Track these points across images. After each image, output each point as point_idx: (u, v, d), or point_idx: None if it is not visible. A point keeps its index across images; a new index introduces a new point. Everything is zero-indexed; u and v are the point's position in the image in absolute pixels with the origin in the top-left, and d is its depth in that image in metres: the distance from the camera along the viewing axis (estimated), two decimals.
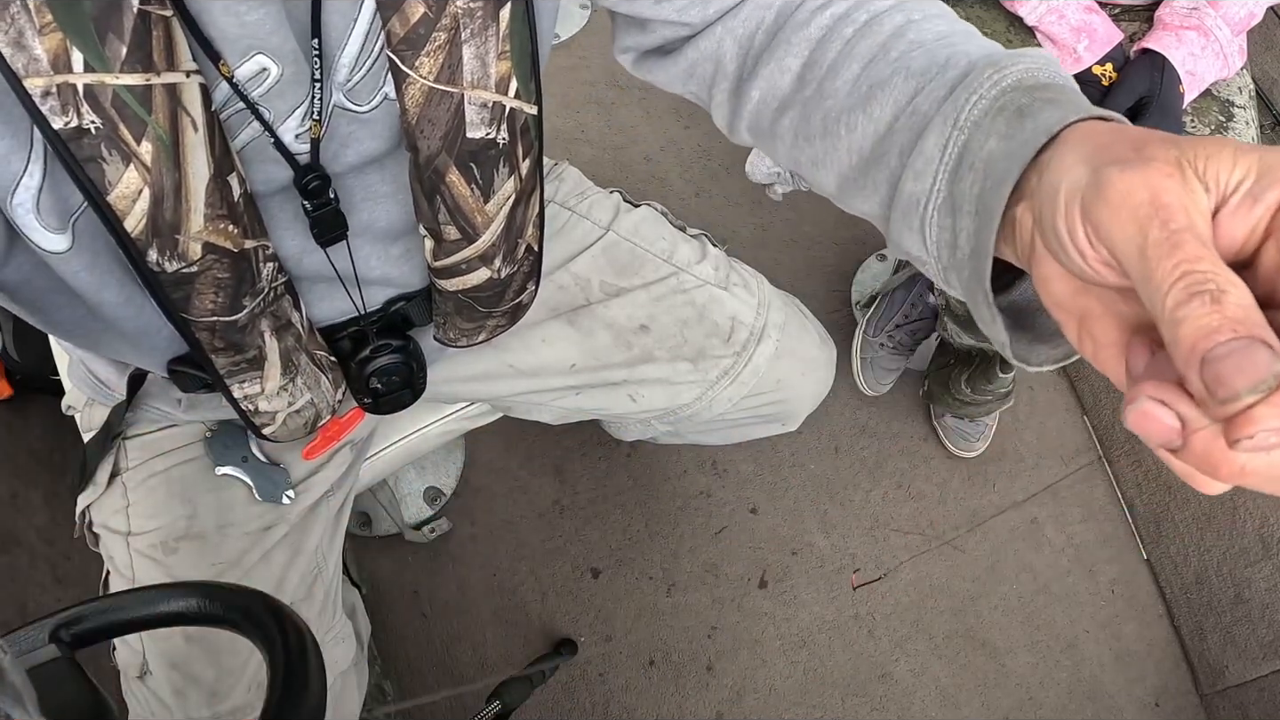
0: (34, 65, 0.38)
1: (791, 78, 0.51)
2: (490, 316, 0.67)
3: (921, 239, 0.42)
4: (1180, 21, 1.09)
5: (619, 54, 0.62)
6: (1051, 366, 0.39)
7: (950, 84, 0.42)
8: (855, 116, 0.46)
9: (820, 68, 0.49)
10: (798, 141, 0.51)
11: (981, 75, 0.40)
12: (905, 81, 0.44)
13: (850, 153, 0.47)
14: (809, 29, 0.50)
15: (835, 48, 0.49)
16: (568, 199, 0.84)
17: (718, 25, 0.54)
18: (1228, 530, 1.41)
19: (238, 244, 0.49)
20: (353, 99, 0.49)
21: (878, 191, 0.45)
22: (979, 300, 0.37)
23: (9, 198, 0.42)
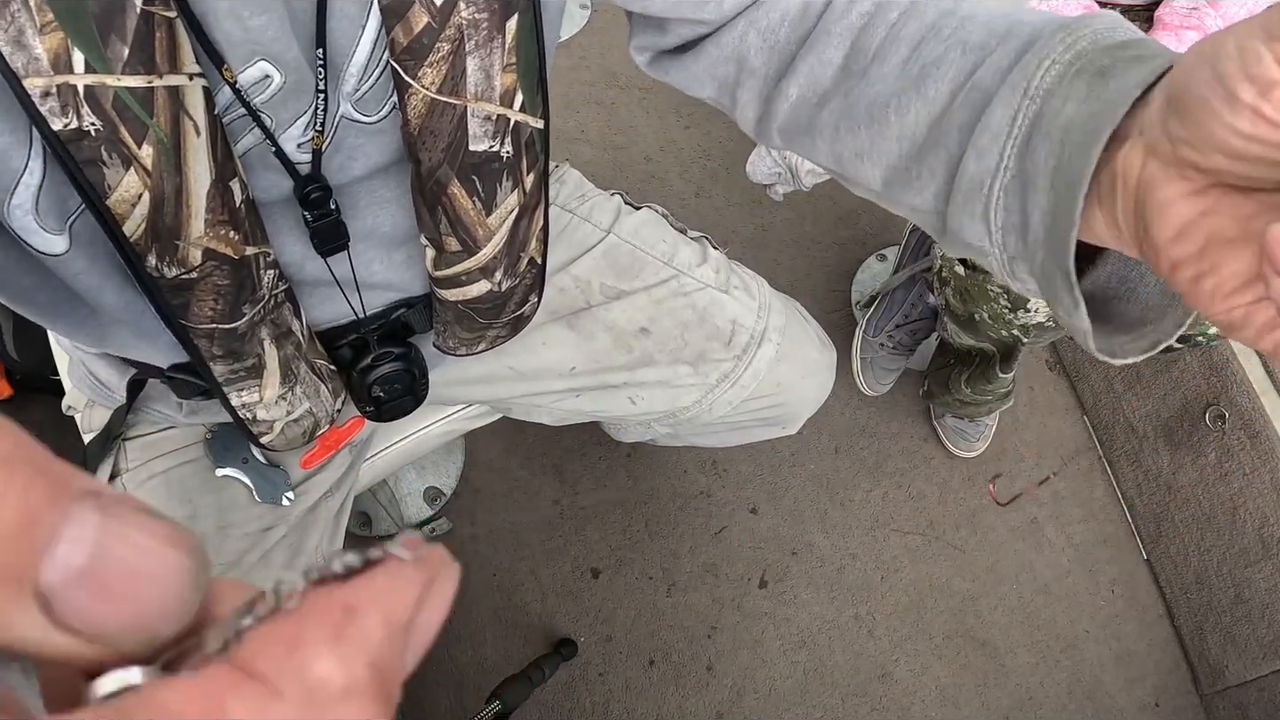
0: (34, 65, 0.37)
1: (834, 70, 0.48)
2: (490, 327, 0.67)
3: (986, 226, 0.39)
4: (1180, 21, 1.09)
5: (635, 53, 0.61)
6: (1139, 357, 0.35)
7: (1016, 52, 0.38)
8: (907, 99, 0.43)
9: (865, 55, 0.46)
10: (839, 134, 0.48)
11: (1053, 40, 0.36)
12: (963, 56, 0.41)
13: (901, 140, 0.44)
14: (849, 17, 0.48)
15: (880, 33, 0.46)
16: (568, 201, 0.84)
17: (740, 19, 0.52)
18: (1228, 530, 1.41)
19: (238, 251, 0.48)
20: (361, 109, 0.49)
21: (933, 180, 0.42)
22: (1058, 285, 0.34)
23: (8, 199, 0.42)
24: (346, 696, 0.13)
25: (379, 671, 0.13)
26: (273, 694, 0.12)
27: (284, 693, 0.12)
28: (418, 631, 0.14)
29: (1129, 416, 1.56)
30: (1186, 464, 1.46)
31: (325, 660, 0.13)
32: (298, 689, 0.13)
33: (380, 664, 0.13)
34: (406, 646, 0.14)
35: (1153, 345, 0.35)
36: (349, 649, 0.13)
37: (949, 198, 0.41)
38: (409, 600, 0.14)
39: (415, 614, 0.14)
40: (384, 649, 0.14)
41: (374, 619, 0.14)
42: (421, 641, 0.15)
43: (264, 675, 0.13)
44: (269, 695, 0.12)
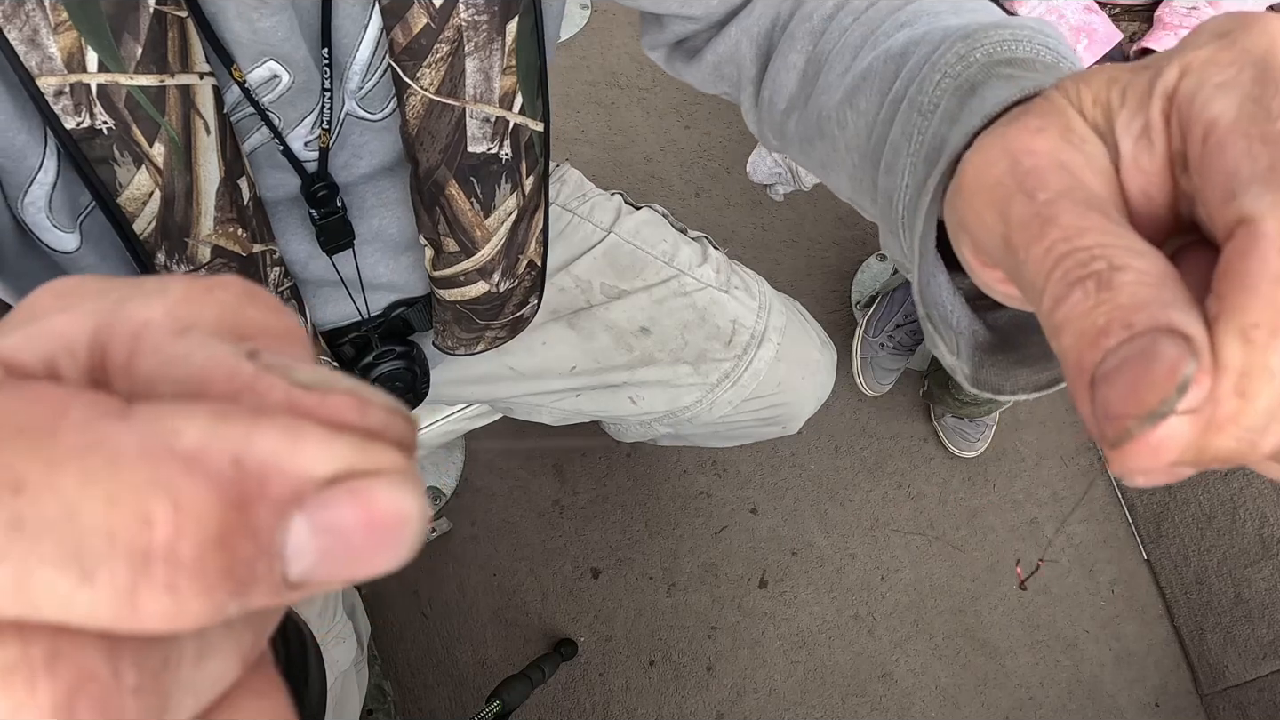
0: (48, 64, 0.37)
1: (796, 75, 0.48)
2: (489, 328, 0.67)
3: (899, 242, 0.36)
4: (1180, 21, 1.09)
5: (649, 51, 0.60)
6: (1031, 395, 0.32)
7: (922, 62, 0.36)
8: (843, 111, 0.42)
9: (819, 62, 0.46)
10: (804, 145, 0.48)
11: (950, 49, 0.34)
12: (885, 65, 0.39)
13: (849, 150, 0.42)
14: (812, 21, 0.47)
15: (833, 39, 0.45)
16: (569, 201, 0.84)
17: (732, 26, 0.52)
18: (1228, 530, 1.41)
19: (246, 248, 0.48)
20: (365, 106, 0.49)
21: (871, 192, 0.41)
22: (935, 317, 0.30)
23: (21, 196, 0.42)
24: (185, 463, 0.11)
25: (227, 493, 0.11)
26: (119, 416, 0.11)
27: (131, 420, 0.11)
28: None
29: None
30: None
31: (190, 433, 0.11)
32: (148, 423, 0.11)
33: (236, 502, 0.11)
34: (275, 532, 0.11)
35: (1052, 382, 0.31)
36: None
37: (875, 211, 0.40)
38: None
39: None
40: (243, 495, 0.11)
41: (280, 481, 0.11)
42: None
43: (134, 405, 0.11)
44: (116, 415, 0.11)
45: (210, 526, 0.10)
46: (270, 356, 0.12)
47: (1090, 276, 0.17)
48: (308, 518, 0.11)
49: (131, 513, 0.10)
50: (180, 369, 0.12)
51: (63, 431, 0.10)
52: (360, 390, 0.13)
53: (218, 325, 0.13)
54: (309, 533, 0.11)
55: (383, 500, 0.11)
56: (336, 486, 0.11)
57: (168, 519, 0.10)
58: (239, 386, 0.12)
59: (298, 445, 0.11)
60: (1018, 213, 0.19)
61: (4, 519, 0.10)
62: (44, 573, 0.10)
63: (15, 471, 0.10)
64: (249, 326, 0.13)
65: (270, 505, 0.11)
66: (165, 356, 0.12)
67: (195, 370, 0.12)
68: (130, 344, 0.12)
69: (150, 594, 0.10)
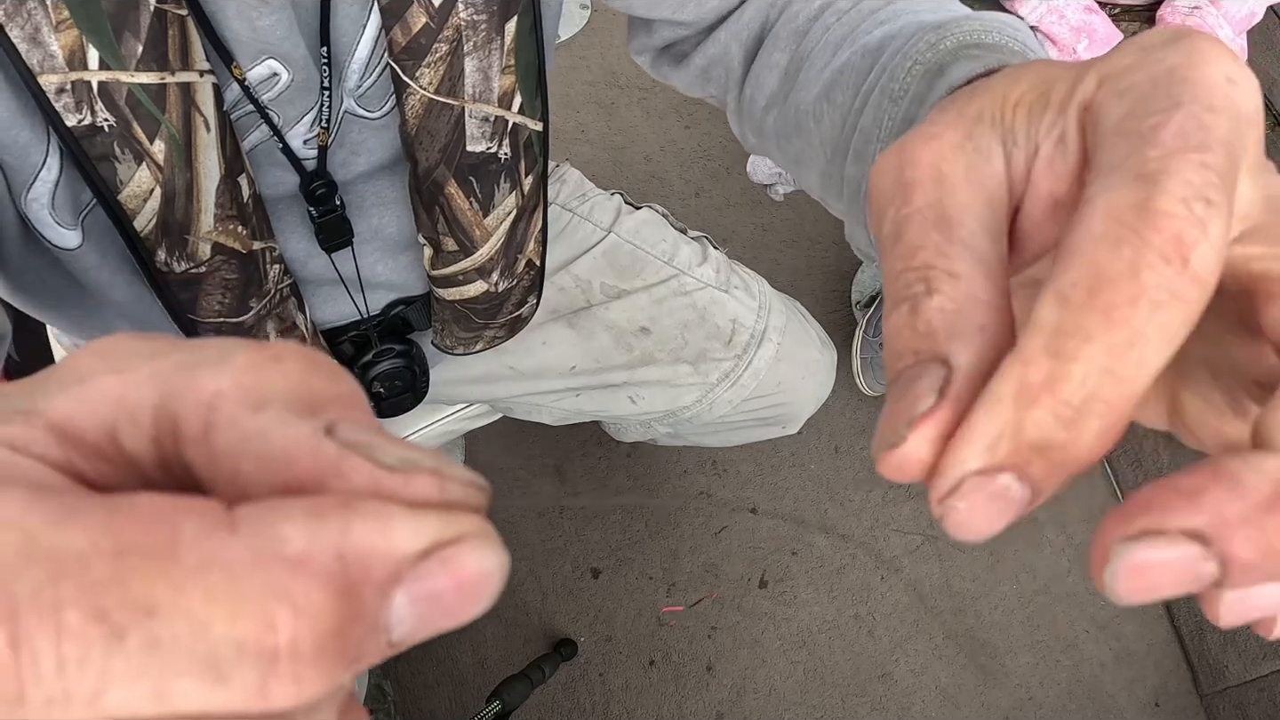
0: (49, 62, 0.37)
1: (778, 73, 0.48)
2: (488, 328, 0.67)
3: (866, 234, 0.37)
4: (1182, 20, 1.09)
5: (635, 55, 0.61)
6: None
7: (895, 53, 0.37)
8: (821, 106, 0.43)
9: (800, 59, 0.47)
10: (780, 141, 0.49)
11: (922, 39, 0.35)
12: (862, 59, 0.40)
13: (824, 145, 0.43)
14: (796, 21, 0.48)
15: (816, 37, 0.46)
16: (569, 201, 0.84)
17: (721, 30, 0.52)
18: None
19: (246, 245, 0.49)
20: (363, 105, 0.49)
21: (843, 185, 0.41)
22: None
23: (25, 192, 0.42)
24: (294, 567, 0.12)
25: (339, 580, 0.12)
26: (229, 529, 0.12)
27: (239, 532, 0.12)
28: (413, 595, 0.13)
29: None
30: (1187, 464, 1.46)
31: (295, 530, 0.12)
32: (256, 534, 0.12)
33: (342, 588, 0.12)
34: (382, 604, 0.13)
35: None
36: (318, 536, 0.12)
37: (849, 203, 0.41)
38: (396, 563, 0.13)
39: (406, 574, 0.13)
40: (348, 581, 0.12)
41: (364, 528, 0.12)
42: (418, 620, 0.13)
43: (238, 514, 0.12)
44: (225, 528, 0.12)
45: (325, 620, 0.12)
46: (347, 430, 0.13)
47: (906, 300, 0.18)
48: (406, 590, 0.12)
49: (255, 621, 0.11)
50: (261, 446, 0.13)
51: (181, 552, 0.11)
52: (440, 468, 0.14)
53: (289, 397, 0.13)
54: (408, 603, 0.12)
55: (470, 564, 0.13)
56: (429, 559, 0.12)
57: (288, 622, 0.11)
58: (324, 468, 0.13)
59: (389, 528, 0.12)
60: (886, 225, 0.20)
61: (142, 640, 0.11)
62: (182, 683, 0.11)
63: (146, 596, 0.11)
64: (317, 397, 0.14)
65: (374, 588, 0.12)
66: (243, 432, 0.13)
67: (278, 449, 0.13)
68: (205, 415, 0.13)
69: (279, 686, 0.11)
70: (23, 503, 0.11)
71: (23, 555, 0.11)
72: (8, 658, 0.10)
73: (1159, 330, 0.15)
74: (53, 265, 0.48)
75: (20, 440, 0.13)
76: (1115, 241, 0.15)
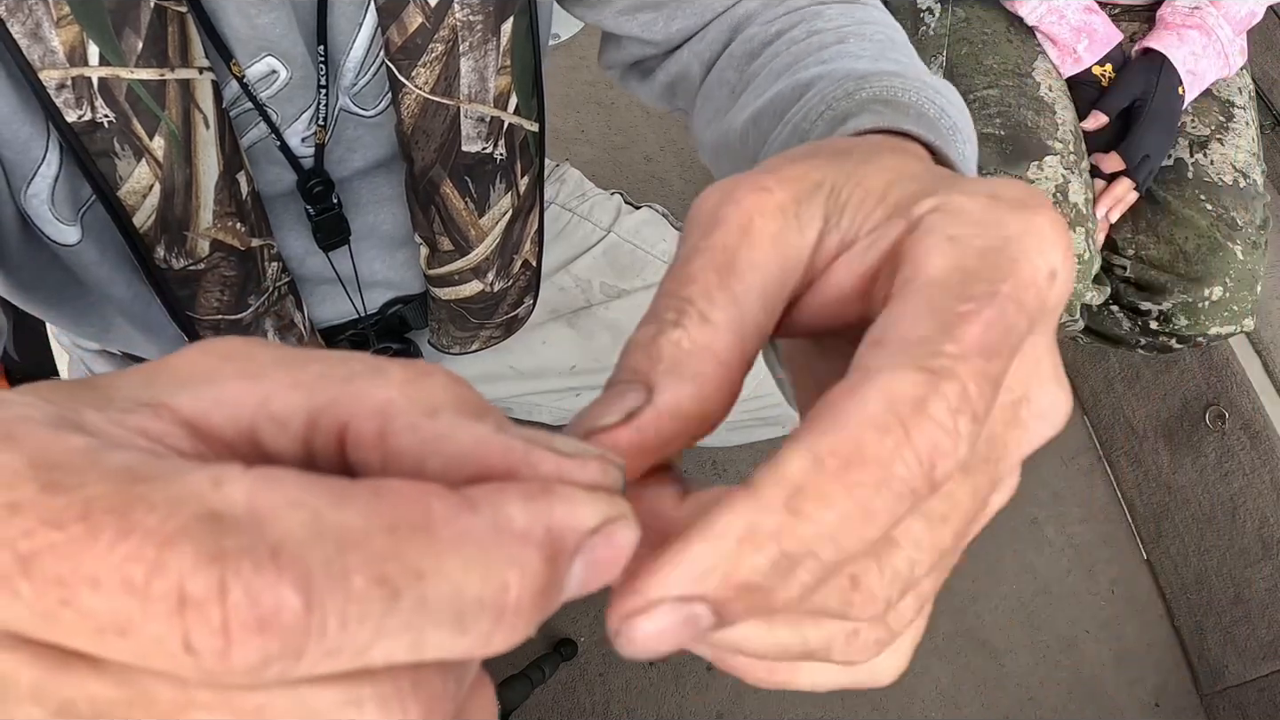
0: (50, 57, 0.38)
1: (726, 90, 0.50)
2: (484, 327, 0.67)
3: None
4: (1182, 21, 1.09)
5: (605, 68, 0.62)
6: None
7: (821, 96, 0.38)
8: (748, 129, 0.44)
9: (746, 82, 0.48)
10: (715, 155, 0.50)
11: (841, 86, 0.36)
12: (792, 92, 0.41)
13: (746, 166, 0.44)
14: (751, 44, 0.49)
15: (764, 63, 0.47)
16: (568, 201, 0.84)
17: (684, 49, 0.53)
18: (1228, 530, 1.41)
19: (244, 242, 0.49)
20: (359, 103, 0.49)
21: None
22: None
23: (25, 188, 0.42)
24: (522, 539, 0.14)
25: (551, 547, 0.14)
26: (470, 508, 0.14)
27: (479, 512, 0.14)
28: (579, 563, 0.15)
29: (1129, 416, 1.56)
30: (1186, 464, 1.46)
31: (516, 507, 0.14)
32: (491, 513, 0.14)
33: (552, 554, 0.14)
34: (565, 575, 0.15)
35: None
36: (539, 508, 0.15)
37: None
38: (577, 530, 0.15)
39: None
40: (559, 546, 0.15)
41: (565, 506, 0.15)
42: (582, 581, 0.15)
43: (469, 496, 0.14)
44: (467, 508, 0.14)
45: (540, 580, 0.14)
46: (514, 429, 0.16)
47: (654, 322, 0.19)
48: (583, 557, 0.15)
49: (496, 583, 0.14)
50: (448, 445, 0.15)
51: (437, 527, 0.13)
52: (605, 454, 0.16)
53: (456, 405, 0.16)
54: (581, 567, 0.15)
55: (620, 538, 0.15)
56: (599, 534, 0.15)
57: (516, 582, 0.14)
58: (515, 460, 0.15)
59: (578, 508, 0.15)
60: (686, 244, 0.21)
61: (413, 600, 0.13)
62: (437, 634, 0.13)
63: (417, 563, 0.13)
64: (472, 403, 0.16)
65: (567, 556, 0.15)
66: (424, 435, 0.15)
67: (467, 448, 0.15)
68: (379, 422, 0.15)
69: (500, 634, 0.14)
70: (302, 485, 0.13)
71: (313, 531, 0.12)
72: (302, 618, 0.12)
73: (887, 516, 0.16)
74: (52, 261, 0.48)
75: (154, 431, 0.14)
76: (883, 429, 0.16)
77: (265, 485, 0.13)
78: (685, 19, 0.52)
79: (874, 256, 0.20)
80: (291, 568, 0.12)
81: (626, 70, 0.60)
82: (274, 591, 0.12)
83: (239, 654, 0.12)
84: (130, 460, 0.13)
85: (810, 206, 0.20)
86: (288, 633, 0.12)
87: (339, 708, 0.13)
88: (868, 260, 0.20)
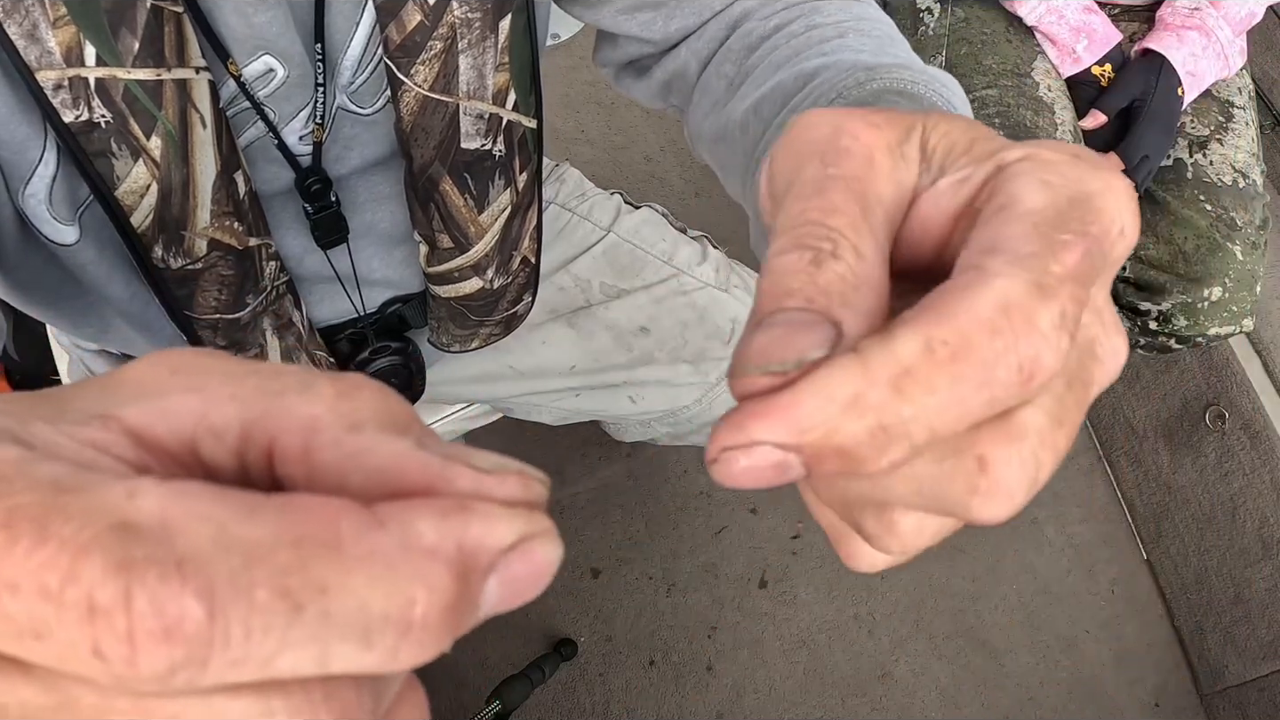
0: (47, 58, 0.38)
1: (725, 83, 0.50)
2: (483, 325, 0.67)
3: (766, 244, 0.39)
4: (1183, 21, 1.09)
5: (600, 68, 0.62)
6: None
7: (827, 84, 0.40)
8: (749, 117, 0.45)
9: (744, 74, 0.49)
10: (712, 145, 0.50)
11: (851, 77, 0.37)
12: (795, 81, 0.42)
13: (745, 155, 0.45)
14: (750, 38, 0.49)
15: (762, 55, 0.48)
16: (568, 200, 0.84)
17: (682, 47, 0.53)
18: (1228, 530, 1.41)
19: (242, 242, 0.49)
20: (356, 101, 0.50)
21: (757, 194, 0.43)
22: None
23: (23, 188, 0.42)
24: (430, 556, 0.14)
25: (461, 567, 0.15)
26: (379, 525, 0.14)
27: (388, 528, 0.14)
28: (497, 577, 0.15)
29: (1129, 416, 1.56)
30: (1186, 464, 1.46)
31: (428, 526, 0.14)
32: (400, 530, 0.14)
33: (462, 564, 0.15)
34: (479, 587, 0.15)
35: None
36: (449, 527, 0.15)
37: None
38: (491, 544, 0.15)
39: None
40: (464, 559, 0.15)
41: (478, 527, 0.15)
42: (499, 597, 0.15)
43: (380, 513, 0.14)
44: (376, 524, 0.14)
45: (448, 597, 0.14)
46: (436, 444, 0.16)
47: (810, 249, 0.19)
48: (498, 575, 0.15)
49: (402, 599, 0.14)
50: (369, 462, 0.15)
51: (345, 542, 0.14)
52: (524, 469, 0.16)
53: (378, 419, 0.16)
54: (497, 584, 0.15)
55: (540, 555, 0.15)
56: (515, 551, 0.15)
57: (423, 599, 0.14)
58: (432, 476, 0.15)
59: (494, 525, 0.15)
60: (809, 172, 0.20)
61: (317, 613, 0.13)
62: (341, 648, 0.13)
63: (321, 577, 0.13)
64: (398, 418, 0.16)
65: (480, 573, 0.15)
66: (347, 451, 0.15)
67: (386, 464, 0.15)
68: (305, 437, 0.15)
69: (407, 650, 0.14)
70: (213, 498, 0.13)
71: (219, 544, 0.13)
72: (205, 628, 0.12)
73: (978, 410, 0.17)
74: (50, 261, 0.48)
75: (101, 442, 0.15)
76: (994, 331, 0.17)
77: (177, 498, 0.13)
78: (684, 17, 0.52)
79: (965, 193, 0.21)
80: (196, 578, 0.12)
81: (621, 68, 0.60)
82: (178, 601, 0.12)
83: (145, 661, 0.12)
84: (57, 472, 0.13)
85: (909, 147, 0.21)
86: (191, 641, 0.12)
87: (252, 717, 0.13)
88: (958, 198, 0.21)
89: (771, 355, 0.18)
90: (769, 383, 0.18)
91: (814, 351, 0.18)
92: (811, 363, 0.18)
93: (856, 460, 0.17)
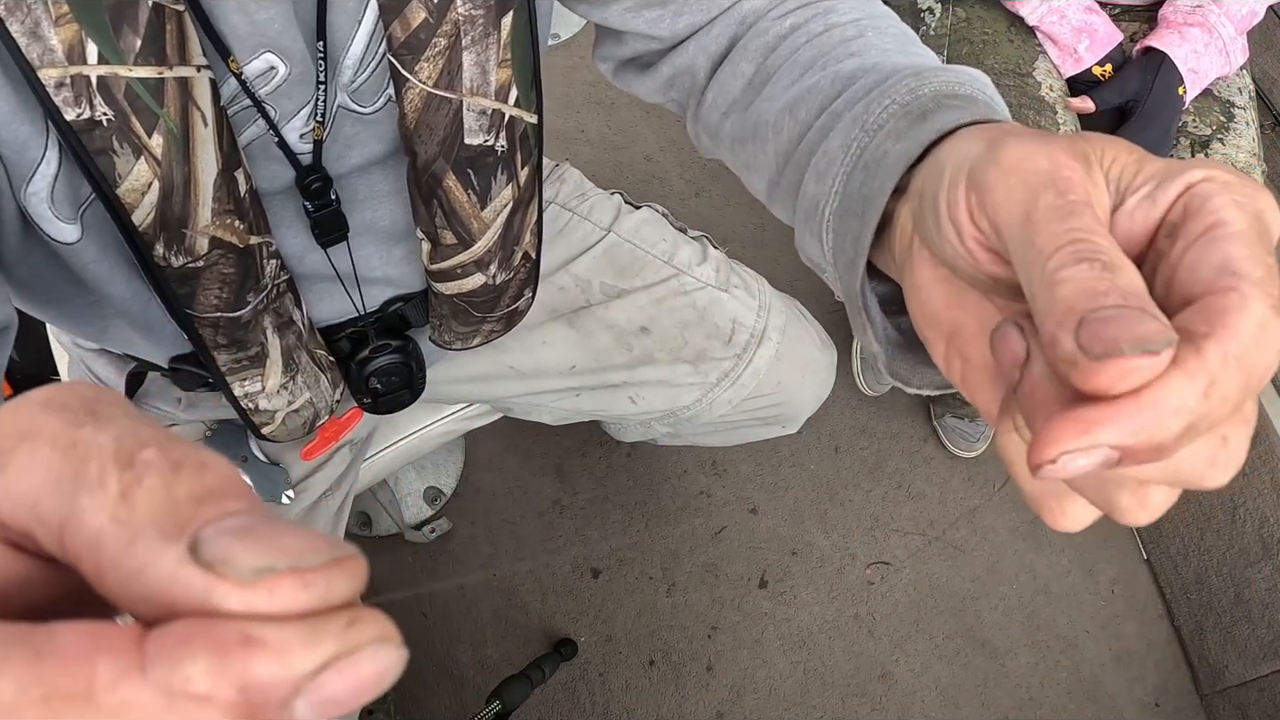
0: (49, 56, 0.38)
1: (743, 82, 0.50)
2: (485, 322, 0.67)
3: (820, 245, 0.40)
4: (1185, 20, 1.08)
5: (598, 62, 0.62)
6: (933, 391, 0.37)
7: (870, 88, 0.40)
8: (782, 119, 0.45)
9: (767, 73, 0.49)
10: (734, 146, 0.51)
11: (901, 82, 0.38)
12: (831, 85, 0.43)
13: (776, 155, 0.46)
14: (766, 37, 0.49)
15: (784, 55, 0.48)
16: (568, 200, 0.84)
17: (690, 42, 0.53)
18: (1228, 530, 1.41)
19: (243, 240, 0.49)
20: (357, 100, 0.50)
21: (790, 196, 0.44)
22: (852, 306, 0.35)
23: (24, 186, 0.42)
24: (200, 704, 0.13)
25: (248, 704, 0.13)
26: (139, 671, 0.13)
27: (149, 676, 0.13)
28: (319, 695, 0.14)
29: None
30: None
31: (199, 669, 0.13)
32: (163, 677, 0.13)
33: (254, 697, 0.13)
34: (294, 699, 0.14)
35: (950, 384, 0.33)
36: (228, 669, 0.13)
37: (795, 213, 0.43)
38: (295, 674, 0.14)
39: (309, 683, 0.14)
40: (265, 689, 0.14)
41: (265, 660, 0.13)
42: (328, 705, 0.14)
43: (146, 653, 0.13)
44: (135, 670, 0.13)
45: None
46: (209, 543, 0.14)
47: (1096, 260, 0.22)
48: (306, 699, 0.13)
49: None
50: (143, 589, 0.14)
51: (99, 695, 0.13)
52: (300, 562, 0.14)
53: (157, 518, 0.14)
54: (308, 707, 0.13)
55: (365, 667, 0.14)
56: (326, 671, 0.14)
57: None
58: (196, 602, 0.14)
59: (284, 657, 0.13)
60: (1048, 200, 0.23)
61: None
62: None
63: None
64: (181, 508, 0.14)
65: (275, 707, 0.13)
66: (125, 575, 0.14)
67: (154, 590, 0.14)
68: (94, 558, 0.14)
69: None
70: None
71: None
72: None
73: (1240, 403, 0.22)
74: (51, 260, 0.48)
75: None
76: (1258, 345, 0.21)
77: None
78: (693, 14, 0.52)
79: (1157, 212, 0.24)
80: None
81: (622, 65, 0.60)
82: None
83: None
84: None
85: (1096, 174, 0.25)
86: None
87: None
88: (1153, 215, 0.24)
89: (1143, 336, 0.20)
90: (1146, 361, 0.20)
91: (1169, 334, 0.20)
92: (1166, 346, 0.20)
93: (1163, 452, 0.21)
